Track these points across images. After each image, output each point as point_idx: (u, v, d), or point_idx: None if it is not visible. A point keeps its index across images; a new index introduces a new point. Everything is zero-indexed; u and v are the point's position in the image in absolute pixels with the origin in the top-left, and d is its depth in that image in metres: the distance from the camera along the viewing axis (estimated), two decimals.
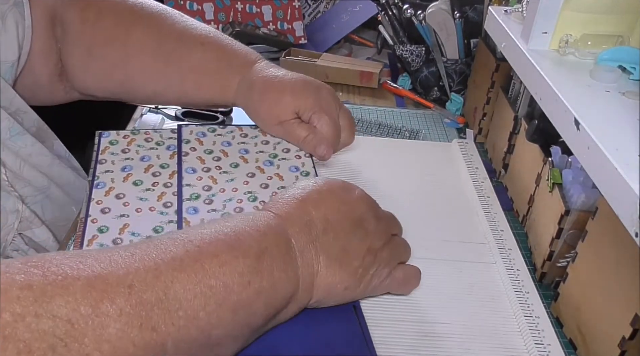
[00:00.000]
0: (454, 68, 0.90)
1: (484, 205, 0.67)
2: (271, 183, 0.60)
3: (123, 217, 0.54)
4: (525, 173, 0.66)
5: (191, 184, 0.58)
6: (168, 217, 0.55)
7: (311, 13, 1.19)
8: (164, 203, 0.56)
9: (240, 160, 0.62)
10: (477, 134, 0.84)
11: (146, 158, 0.61)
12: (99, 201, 0.56)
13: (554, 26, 0.56)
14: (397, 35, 0.95)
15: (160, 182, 0.58)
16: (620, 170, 0.38)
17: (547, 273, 0.58)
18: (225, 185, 0.59)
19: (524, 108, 0.69)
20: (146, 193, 0.57)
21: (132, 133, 0.64)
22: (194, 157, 0.62)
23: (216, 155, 0.63)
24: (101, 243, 0.52)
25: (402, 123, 0.87)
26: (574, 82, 0.50)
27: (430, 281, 0.56)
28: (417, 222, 0.64)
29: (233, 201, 0.57)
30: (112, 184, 0.58)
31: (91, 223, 0.53)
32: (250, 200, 0.57)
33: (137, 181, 0.58)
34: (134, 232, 0.53)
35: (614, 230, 0.45)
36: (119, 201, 0.56)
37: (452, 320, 0.52)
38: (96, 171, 0.59)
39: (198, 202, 0.56)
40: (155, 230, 0.54)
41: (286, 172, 0.62)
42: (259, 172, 0.61)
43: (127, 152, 0.62)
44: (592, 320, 0.49)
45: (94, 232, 0.53)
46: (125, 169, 0.60)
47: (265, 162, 0.63)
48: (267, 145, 0.65)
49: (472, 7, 0.86)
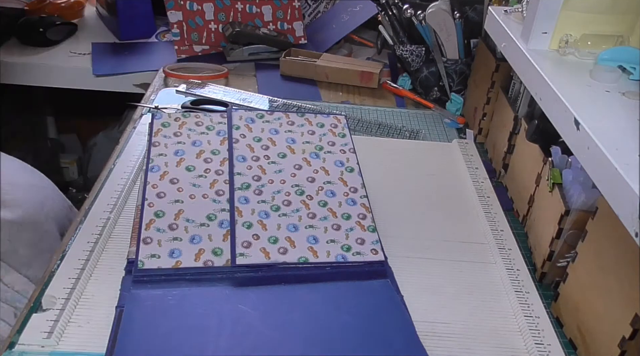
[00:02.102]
0: (454, 68, 0.90)
1: (484, 205, 0.67)
2: (317, 177, 0.61)
3: (178, 203, 0.56)
4: (525, 173, 0.66)
5: (241, 173, 0.60)
6: (220, 205, 0.57)
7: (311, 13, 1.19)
8: (217, 191, 0.58)
9: (288, 150, 0.63)
10: (477, 134, 0.84)
11: (197, 143, 0.62)
12: (155, 185, 0.58)
13: (554, 26, 0.56)
14: (397, 35, 0.95)
15: (212, 169, 0.60)
16: (620, 170, 0.38)
17: (547, 273, 0.58)
18: (273, 176, 0.60)
19: (524, 108, 0.69)
20: (199, 179, 0.59)
21: (183, 116, 0.65)
22: (244, 144, 0.63)
23: (264, 143, 0.64)
24: (158, 228, 0.54)
25: (402, 123, 0.87)
26: (574, 82, 0.50)
27: (430, 281, 0.56)
28: (417, 221, 0.64)
29: (281, 193, 0.59)
30: (166, 168, 0.59)
31: (148, 207, 0.56)
32: (298, 193, 0.59)
33: (190, 167, 0.60)
34: (188, 219, 0.55)
35: (614, 230, 0.45)
36: (173, 186, 0.58)
37: (452, 320, 0.52)
38: (150, 154, 0.61)
39: (249, 191, 0.58)
40: (208, 217, 0.55)
41: (331, 167, 0.62)
42: (306, 164, 0.62)
43: (179, 135, 0.63)
44: (592, 320, 0.49)
45: (151, 216, 0.55)
46: (178, 153, 0.61)
47: (311, 153, 0.63)
48: (313, 135, 0.65)
49: (472, 7, 0.86)
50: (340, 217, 0.57)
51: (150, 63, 1.09)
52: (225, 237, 0.54)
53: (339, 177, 0.61)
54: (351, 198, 0.59)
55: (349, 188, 0.60)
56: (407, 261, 0.58)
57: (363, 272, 0.54)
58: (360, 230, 0.57)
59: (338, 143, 0.65)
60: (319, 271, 0.53)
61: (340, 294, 0.52)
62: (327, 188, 0.60)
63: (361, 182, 0.61)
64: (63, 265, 0.53)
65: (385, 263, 0.55)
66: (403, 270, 0.56)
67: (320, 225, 0.56)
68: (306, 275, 0.53)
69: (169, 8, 1.02)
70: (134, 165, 0.69)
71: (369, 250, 0.55)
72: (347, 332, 0.48)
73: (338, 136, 0.66)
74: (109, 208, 0.61)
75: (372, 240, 0.56)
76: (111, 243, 0.57)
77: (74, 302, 0.50)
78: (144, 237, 0.53)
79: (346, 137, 0.66)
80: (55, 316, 0.48)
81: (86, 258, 0.54)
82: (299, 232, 0.55)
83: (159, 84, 0.95)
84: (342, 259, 0.54)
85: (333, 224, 0.57)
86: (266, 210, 0.57)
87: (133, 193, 0.65)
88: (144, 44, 1.19)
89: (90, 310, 0.49)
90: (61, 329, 0.47)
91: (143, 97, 0.91)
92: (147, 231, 0.53)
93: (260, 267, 0.52)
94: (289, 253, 0.53)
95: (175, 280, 0.51)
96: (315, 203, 0.58)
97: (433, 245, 0.61)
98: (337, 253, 0.54)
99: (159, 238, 0.53)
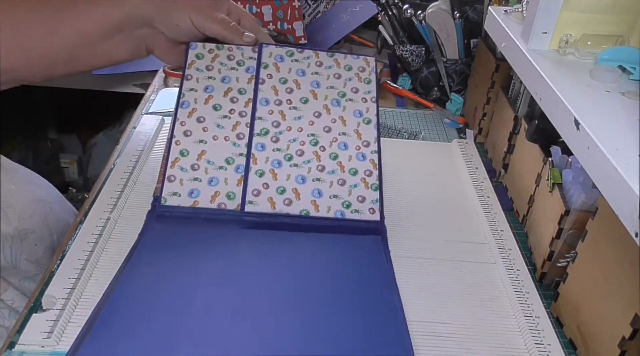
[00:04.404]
0: (454, 68, 0.90)
1: (484, 205, 0.67)
2: (334, 127, 0.64)
3: (201, 143, 0.61)
4: (525, 173, 0.66)
5: (262, 117, 0.63)
6: (239, 149, 0.62)
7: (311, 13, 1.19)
8: (237, 135, 0.63)
9: (310, 95, 0.66)
10: (477, 134, 0.84)
11: (227, 79, 0.65)
12: (183, 122, 0.62)
13: (553, 26, 0.56)
14: (397, 35, 0.95)
15: (236, 110, 0.64)
16: (620, 170, 0.38)
17: (547, 273, 0.58)
18: (292, 123, 0.64)
19: (524, 108, 0.69)
20: (223, 120, 0.63)
21: (217, 48, 0.67)
22: (269, 86, 0.65)
23: (289, 86, 0.66)
24: (182, 167, 0.60)
25: (402, 123, 0.87)
26: (574, 82, 0.50)
27: (430, 281, 0.56)
28: (417, 222, 0.64)
29: (296, 142, 0.63)
30: (195, 105, 0.63)
31: (175, 145, 0.61)
32: (312, 143, 0.63)
33: (217, 105, 0.64)
34: (209, 160, 0.61)
35: (614, 230, 0.45)
36: (199, 125, 0.62)
37: (452, 320, 0.52)
38: (182, 88, 0.64)
39: (266, 138, 0.62)
40: (227, 160, 0.61)
41: (350, 117, 0.65)
42: (325, 112, 0.65)
43: (211, 70, 0.65)
44: (592, 320, 0.49)
45: (177, 154, 0.61)
46: (207, 89, 0.64)
47: (333, 100, 0.65)
48: (339, 79, 0.67)
49: (472, 7, 0.86)
50: (347, 172, 0.62)
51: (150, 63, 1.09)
52: (239, 182, 0.60)
53: (354, 128, 0.64)
54: (362, 153, 0.63)
55: (362, 141, 0.64)
56: (407, 261, 0.58)
57: (359, 228, 0.60)
58: (364, 187, 0.61)
59: (362, 90, 0.67)
60: (318, 224, 0.59)
61: (331, 243, 0.58)
62: (340, 140, 0.63)
63: (375, 136, 0.64)
64: (63, 265, 0.53)
65: (380, 223, 0.60)
66: (403, 270, 0.56)
67: (327, 178, 0.61)
68: (306, 226, 0.59)
69: None
70: (134, 165, 0.69)
71: (367, 209, 0.60)
72: (327, 272, 0.54)
73: (363, 82, 0.67)
74: (109, 208, 0.61)
75: (373, 198, 0.60)
76: (111, 243, 0.57)
77: (74, 302, 0.50)
78: (169, 175, 0.60)
79: (371, 83, 0.67)
80: (55, 316, 0.48)
81: (86, 258, 0.54)
82: (305, 184, 0.61)
83: (159, 84, 0.95)
84: (340, 216, 0.60)
85: (339, 179, 0.61)
86: (279, 160, 0.62)
87: (133, 193, 0.65)
88: None
89: (90, 310, 0.49)
90: (61, 329, 0.47)
91: (143, 97, 0.91)
92: (172, 169, 0.60)
93: (266, 215, 0.59)
94: (293, 205, 0.59)
95: (192, 217, 0.58)
96: (326, 155, 0.62)
97: (433, 245, 0.61)
98: (336, 209, 0.60)
99: (182, 178, 0.60)
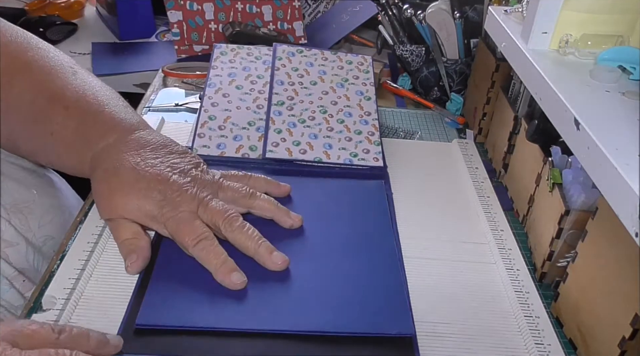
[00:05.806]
0: (454, 68, 0.90)
1: (484, 205, 0.67)
2: (339, 101, 0.76)
3: (227, 111, 0.73)
4: (525, 173, 0.66)
5: (279, 93, 0.75)
6: (259, 115, 0.73)
7: (311, 13, 1.19)
8: (257, 105, 0.74)
9: (318, 80, 0.78)
10: (477, 134, 0.84)
11: (247, 68, 0.79)
12: (210, 96, 0.74)
13: (554, 26, 0.56)
14: (397, 35, 0.95)
15: (256, 89, 0.76)
16: (620, 170, 0.38)
17: (547, 273, 0.58)
18: (304, 97, 0.75)
19: (524, 108, 0.69)
20: (245, 95, 0.75)
21: (238, 47, 0.83)
22: (283, 72, 0.78)
23: (300, 72, 0.79)
24: (210, 127, 0.71)
25: (402, 123, 0.87)
26: (574, 82, 0.50)
27: (430, 281, 0.56)
28: (416, 221, 0.64)
29: (308, 111, 0.74)
30: (221, 85, 0.76)
31: (204, 112, 0.72)
32: (322, 112, 0.74)
33: (239, 86, 0.77)
34: (234, 123, 0.72)
35: (614, 230, 0.45)
36: (225, 99, 0.74)
37: (452, 320, 0.52)
38: (209, 74, 0.77)
39: (282, 107, 0.74)
40: (249, 123, 0.72)
41: (352, 95, 0.77)
42: (332, 91, 0.77)
43: (233, 62, 0.80)
44: (592, 320, 0.49)
45: (205, 118, 0.72)
46: (231, 75, 0.78)
47: (337, 84, 0.78)
48: (342, 69, 0.81)
49: (472, 7, 0.86)
50: (353, 132, 0.72)
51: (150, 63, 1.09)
52: (260, 138, 0.70)
53: (357, 103, 0.76)
54: (364, 120, 0.74)
55: (364, 112, 0.75)
56: (406, 261, 0.58)
57: (365, 174, 0.68)
58: (368, 143, 0.71)
59: (361, 77, 0.80)
60: (329, 170, 0.68)
61: (339, 185, 0.66)
62: (345, 110, 0.75)
63: (375, 108, 0.76)
64: (63, 265, 0.53)
65: (383, 169, 0.69)
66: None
67: (336, 136, 0.71)
68: (318, 172, 0.68)
69: (169, 8, 1.02)
70: None
71: (371, 158, 0.69)
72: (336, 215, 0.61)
73: (362, 72, 0.81)
74: None
75: (376, 151, 0.70)
76: (111, 243, 0.57)
77: (74, 303, 0.50)
78: (199, 133, 0.70)
79: (369, 73, 0.81)
80: (55, 317, 0.48)
81: (86, 258, 0.54)
82: (317, 139, 0.71)
83: (159, 84, 0.95)
84: (349, 162, 0.69)
85: (346, 136, 0.71)
86: (294, 122, 0.72)
87: None
88: (144, 44, 1.19)
89: (90, 311, 0.49)
90: None
91: (143, 97, 0.91)
92: (201, 128, 0.70)
93: (284, 161, 0.68)
94: (307, 153, 0.69)
95: (219, 165, 0.64)
96: (334, 121, 0.73)
97: (433, 245, 0.61)
98: (345, 158, 0.69)
99: (210, 135, 0.70)
